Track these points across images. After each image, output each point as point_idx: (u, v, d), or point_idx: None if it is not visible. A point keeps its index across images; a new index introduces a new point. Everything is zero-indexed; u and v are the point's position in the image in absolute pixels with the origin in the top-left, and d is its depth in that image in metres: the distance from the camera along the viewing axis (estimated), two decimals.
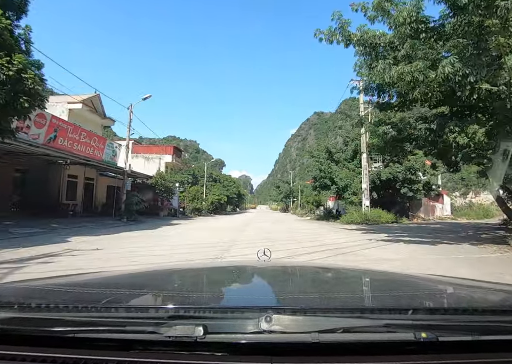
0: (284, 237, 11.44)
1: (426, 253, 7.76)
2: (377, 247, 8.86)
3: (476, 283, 1.35)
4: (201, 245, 8.73)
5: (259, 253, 1.57)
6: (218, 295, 1.09)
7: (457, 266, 5.99)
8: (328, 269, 1.74)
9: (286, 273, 1.58)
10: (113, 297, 0.95)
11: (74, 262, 5.60)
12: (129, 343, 0.65)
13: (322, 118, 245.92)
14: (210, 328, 0.63)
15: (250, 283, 1.37)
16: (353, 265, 4.14)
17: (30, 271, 4.58)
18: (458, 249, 8.47)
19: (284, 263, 2.58)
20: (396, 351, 0.64)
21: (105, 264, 5.49)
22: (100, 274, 1.58)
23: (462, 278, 1.53)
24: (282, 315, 0.67)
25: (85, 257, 6.22)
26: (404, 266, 5.75)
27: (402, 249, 8.41)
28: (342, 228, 16.75)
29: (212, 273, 1.58)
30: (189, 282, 1.36)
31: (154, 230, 13.51)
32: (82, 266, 5.06)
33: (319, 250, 7.96)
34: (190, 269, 1.75)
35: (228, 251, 7.66)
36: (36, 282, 1.24)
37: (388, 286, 1.29)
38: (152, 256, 6.44)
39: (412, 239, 10.48)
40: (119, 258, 6.23)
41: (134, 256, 6.32)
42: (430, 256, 7.20)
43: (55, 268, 4.98)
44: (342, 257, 6.88)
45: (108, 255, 6.54)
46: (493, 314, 0.78)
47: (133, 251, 7.20)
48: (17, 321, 0.71)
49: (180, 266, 2.31)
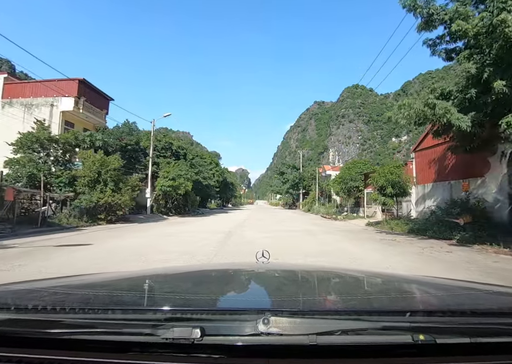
0: None
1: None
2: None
3: (473, 285, 1.32)
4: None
5: (257, 255, 1.50)
6: (216, 297, 1.03)
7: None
8: (326, 272, 1.69)
9: (284, 275, 1.49)
10: (110, 298, 0.93)
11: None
12: (126, 346, 0.63)
13: (323, 107, 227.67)
14: (208, 330, 0.61)
15: (248, 285, 1.30)
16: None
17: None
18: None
19: (282, 266, 2.20)
20: (393, 354, 0.62)
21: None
22: (97, 275, 1.52)
23: (460, 280, 1.53)
24: (279, 317, 0.65)
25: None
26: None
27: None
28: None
29: (210, 274, 1.52)
30: (186, 284, 1.28)
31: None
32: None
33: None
34: (187, 271, 1.68)
35: None
36: (32, 284, 1.15)
37: (386, 288, 1.26)
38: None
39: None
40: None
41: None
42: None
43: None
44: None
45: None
46: (491, 316, 0.75)
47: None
48: (14, 323, 0.68)
49: (177, 268, 2.22)
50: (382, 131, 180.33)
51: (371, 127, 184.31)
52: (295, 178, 42.91)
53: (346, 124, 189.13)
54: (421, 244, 8.33)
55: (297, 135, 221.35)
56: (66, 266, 5.08)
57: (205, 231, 11.24)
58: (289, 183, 43.56)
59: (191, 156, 25.76)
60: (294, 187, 43.77)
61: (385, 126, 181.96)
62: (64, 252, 6.41)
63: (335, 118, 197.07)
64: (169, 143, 24.60)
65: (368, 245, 8.23)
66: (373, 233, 11.65)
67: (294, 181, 42.90)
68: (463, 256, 6.58)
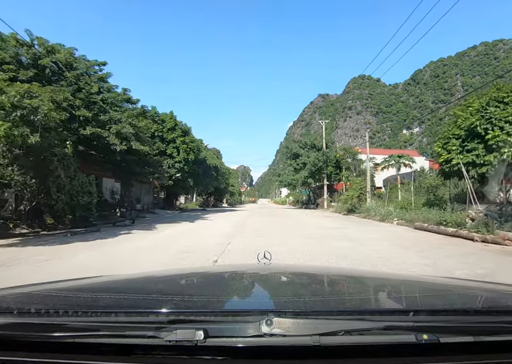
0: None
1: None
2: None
3: (476, 284, 1.28)
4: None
5: (259, 256, 1.49)
6: (219, 299, 0.99)
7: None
8: (328, 272, 1.65)
9: (286, 276, 1.44)
10: (113, 301, 0.90)
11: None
12: (130, 348, 0.63)
13: (327, 100, 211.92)
14: (211, 332, 0.60)
15: (250, 287, 1.24)
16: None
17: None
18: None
19: (284, 267, 2.12)
20: (397, 353, 0.61)
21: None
22: (99, 278, 1.41)
23: (462, 279, 1.48)
24: (283, 318, 0.64)
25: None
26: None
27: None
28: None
29: (212, 276, 1.46)
30: (189, 286, 1.27)
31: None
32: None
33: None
34: (190, 273, 1.62)
35: None
36: (35, 287, 1.10)
37: (388, 288, 1.22)
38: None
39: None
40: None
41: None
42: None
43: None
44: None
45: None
46: (494, 314, 0.73)
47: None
48: (17, 327, 0.67)
49: (180, 270, 2.13)
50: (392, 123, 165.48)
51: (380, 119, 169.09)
52: (317, 161, 27.18)
53: (353, 116, 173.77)
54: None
55: (301, 130, 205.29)
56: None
57: None
58: (308, 169, 27.77)
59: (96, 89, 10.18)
60: (314, 174, 28.04)
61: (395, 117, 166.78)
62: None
63: (341, 110, 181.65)
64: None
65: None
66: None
67: (316, 166, 27.16)
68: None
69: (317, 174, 27.96)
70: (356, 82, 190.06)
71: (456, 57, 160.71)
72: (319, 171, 27.58)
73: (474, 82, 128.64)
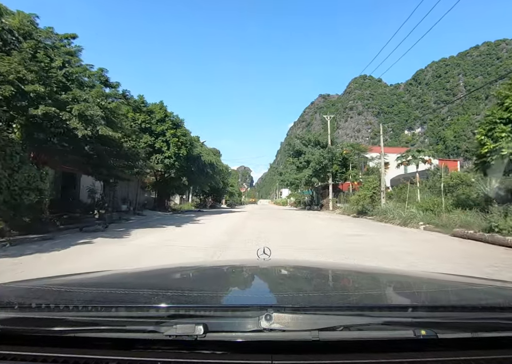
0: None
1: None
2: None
3: (474, 280, 1.26)
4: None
5: (259, 251, 1.46)
6: (218, 294, 0.99)
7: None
8: (328, 267, 1.66)
9: (286, 271, 1.46)
10: (114, 296, 0.90)
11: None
12: (130, 343, 0.63)
13: (328, 100, 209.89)
14: (211, 327, 0.60)
15: (250, 282, 1.25)
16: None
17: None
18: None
19: (284, 262, 2.06)
20: (395, 349, 0.62)
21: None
22: (100, 273, 1.41)
23: (460, 276, 1.44)
24: (282, 313, 0.64)
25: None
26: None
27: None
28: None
29: (212, 271, 1.46)
30: (188, 280, 1.26)
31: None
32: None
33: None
34: (189, 267, 1.62)
35: None
36: (36, 282, 1.10)
37: (387, 284, 1.22)
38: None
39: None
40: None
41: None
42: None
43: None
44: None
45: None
46: (491, 310, 0.74)
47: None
48: (18, 321, 0.67)
49: (180, 265, 2.03)
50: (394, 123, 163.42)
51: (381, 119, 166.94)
52: (322, 158, 25.02)
53: (354, 116, 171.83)
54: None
55: (301, 130, 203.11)
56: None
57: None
58: (313, 167, 25.62)
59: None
60: (319, 172, 25.89)
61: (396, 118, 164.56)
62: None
63: (342, 110, 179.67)
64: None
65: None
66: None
67: (321, 163, 25.00)
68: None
69: (321, 172, 25.83)
70: (357, 83, 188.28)
71: (458, 57, 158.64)
72: (324, 169, 25.45)
73: (476, 82, 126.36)
